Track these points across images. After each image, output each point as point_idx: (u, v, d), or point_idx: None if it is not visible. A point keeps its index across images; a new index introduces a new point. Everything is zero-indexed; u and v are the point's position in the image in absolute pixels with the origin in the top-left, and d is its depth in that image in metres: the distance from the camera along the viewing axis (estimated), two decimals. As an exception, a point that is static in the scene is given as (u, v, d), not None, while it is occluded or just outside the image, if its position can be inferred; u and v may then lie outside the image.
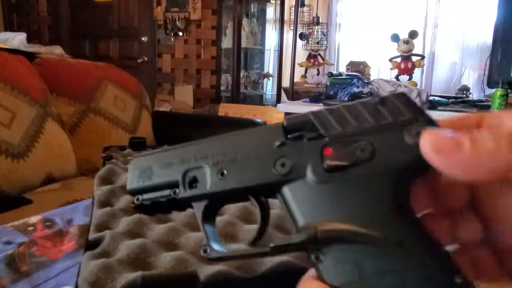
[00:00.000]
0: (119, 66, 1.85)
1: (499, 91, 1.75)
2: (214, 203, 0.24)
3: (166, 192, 0.25)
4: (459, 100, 2.03)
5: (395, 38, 2.38)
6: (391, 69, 2.46)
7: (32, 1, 3.90)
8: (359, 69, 2.78)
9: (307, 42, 2.96)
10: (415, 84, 2.30)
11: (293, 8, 2.93)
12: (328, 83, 2.32)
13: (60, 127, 1.32)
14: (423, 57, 2.54)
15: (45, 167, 1.19)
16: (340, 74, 2.40)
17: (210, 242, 0.23)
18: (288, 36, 3.23)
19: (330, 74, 2.31)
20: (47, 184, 1.17)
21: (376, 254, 0.18)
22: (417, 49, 2.57)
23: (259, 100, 3.59)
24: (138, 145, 0.91)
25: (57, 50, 2.15)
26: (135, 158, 0.27)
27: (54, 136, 1.27)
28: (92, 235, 0.45)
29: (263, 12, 3.52)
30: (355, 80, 2.10)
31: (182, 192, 0.24)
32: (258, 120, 1.83)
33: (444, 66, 3.10)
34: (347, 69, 2.82)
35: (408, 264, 0.17)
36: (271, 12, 3.52)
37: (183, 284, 0.36)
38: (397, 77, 2.40)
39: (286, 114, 2.13)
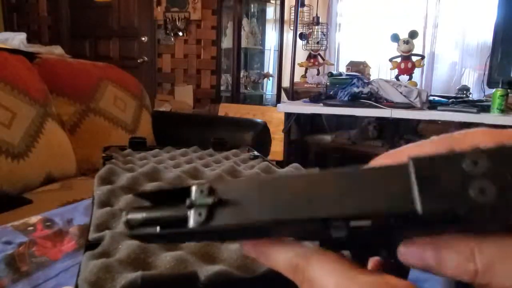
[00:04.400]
0: (119, 66, 1.85)
1: (499, 91, 1.75)
2: None
3: None
4: (459, 100, 2.03)
5: (395, 38, 2.38)
6: (391, 69, 2.46)
7: (32, 1, 3.90)
8: (359, 69, 2.78)
9: (307, 42, 2.96)
10: (415, 84, 2.30)
11: (293, 8, 2.93)
12: (328, 83, 2.32)
13: (60, 127, 1.32)
14: (423, 57, 2.54)
15: (45, 167, 1.19)
16: (340, 74, 2.40)
17: None
18: (288, 36, 3.23)
19: (330, 74, 2.32)
20: (47, 184, 1.17)
21: None
22: (417, 49, 2.57)
23: (259, 100, 3.59)
24: (138, 145, 0.91)
25: (57, 50, 2.15)
26: None
27: (54, 136, 1.27)
28: (92, 235, 0.45)
29: (263, 12, 3.52)
30: (355, 80, 2.10)
31: None
32: (258, 120, 1.83)
33: (444, 66, 3.10)
34: (347, 69, 2.82)
35: None
36: (271, 12, 3.52)
37: (183, 284, 0.36)
38: (397, 77, 2.41)
39: (286, 114, 2.13)
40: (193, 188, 0.20)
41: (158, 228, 0.21)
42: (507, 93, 1.76)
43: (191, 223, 0.19)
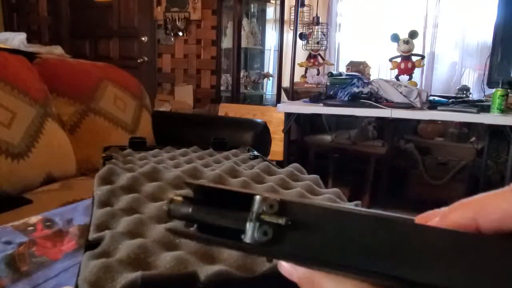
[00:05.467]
0: (119, 66, 1.85)
1: (499, 91, 1.75)
2: None
3: None
4: (459, 100, 2.04)
5: (395, 38, 2.39)
6: (391, 69, 2.46)
7: (32, 1, 3.90)
8: (359, 69, 2.78)
9: (307, 42, 2.96)
10: (415, 84, 2.30)
11: (293, 8, 2.93)
12: (328, 83, 2.32)
13: (60, 127, 1.32)
14: (423, 57, 2.54)
15: (45, 167, 1.19)
16: (340, 74, 2.40)
17: None
18: (288, 36, 3.23)
19: (330, 74, 2.32)
20: (47, 184, 1.17)
21: None
22: (417, 49, 2.57)
23: (259, 100, 3.59)
24: (138, 145, 0.91)
25: (57, 50, 2.15)
26: None
27: (54, 136, 1.27)
28: (92, 235, 0.45)
29: (263, 12, 3.52)
30: (355, 80, 2.10)
31: None
32: (258, 120, 1.83)
33: (444, 66, 3.10)
34: (347, 69, 2.82)
35: None
36: (271, 12, 3.52)
37: (183, 284, 0.36)
38: (397, 77, 2.41)
39: (286, 114, 2.13)
40: (257, 199, 0.17)
41: (198, 229, 0.19)
42: (507, 93, 1.76)
43: (250, 238, 0.17)
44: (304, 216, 0.16)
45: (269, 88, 3.68)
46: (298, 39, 2.75)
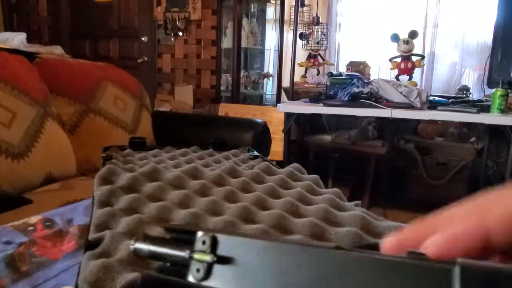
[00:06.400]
0: (119, 66, 1.85)
1: (499, 91, 1.75)
2: None
3: None
4: (459, 100, 2.04)
5: (395, 38, 2.39)
6: (391, 69, 2.47)
7: (32, 1, 3.90)
8: (359, 69, 2.78)
9: (307, 42, 2.97)
10: (415, 84, 2.30)
11: (293, 8, 2.93)
12: (328, 83, 2.32)
13: (60, 127, 1.32)
14: (423, 57, 2.54)
15: (45, 167, 1.19)
16: (340, 74, 2.40)
17: None
18: (288, 36, 3.23)
19: (330, 74, 2.32)
20: (47, 184, 1.17)
21: None
22: (417, 49, 2.57)
23: (259, 100, 3.59)
24: (138, 145, 0.91)
25: (57, 50, 2.15)
26: None
27: (54, 136, 1.27)
28: (92, 235, 0.45)
29: (263, 12, 3.52)
30: (355, 80, 2.10)
31: None
32: (258, 120, 1.83)
33: (444, 66, 3.10)
34: (347, 69, 2.82)
35: None
36: (271, 12, 3.52)
37: (183, 284, 0.36)
38: (397, 77, 2.41)
39: (286, 114, 2.13)
40: (198, 235, 0.18)
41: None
42: (507, 93, 1.76)
43: (190, 276, 0.18)
44: (231, 251, 0.17)
45: (269, 88, 3.68)
46: (298, 39, 2.75)
